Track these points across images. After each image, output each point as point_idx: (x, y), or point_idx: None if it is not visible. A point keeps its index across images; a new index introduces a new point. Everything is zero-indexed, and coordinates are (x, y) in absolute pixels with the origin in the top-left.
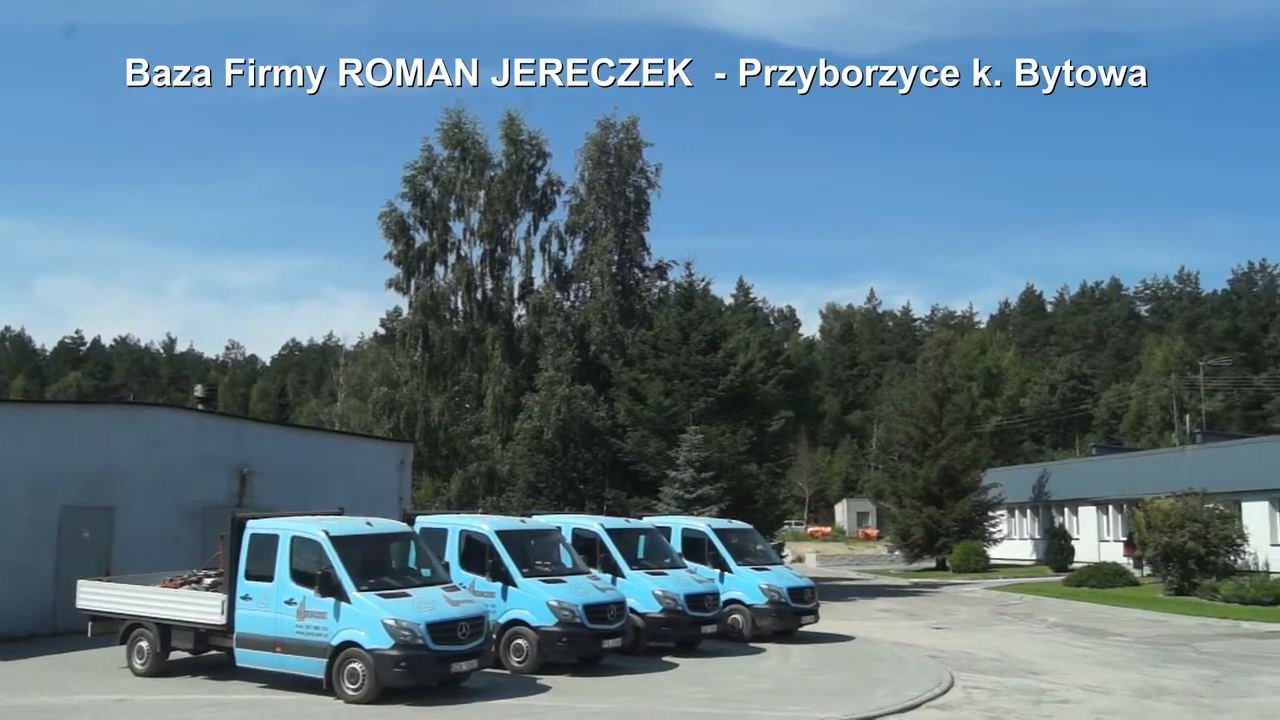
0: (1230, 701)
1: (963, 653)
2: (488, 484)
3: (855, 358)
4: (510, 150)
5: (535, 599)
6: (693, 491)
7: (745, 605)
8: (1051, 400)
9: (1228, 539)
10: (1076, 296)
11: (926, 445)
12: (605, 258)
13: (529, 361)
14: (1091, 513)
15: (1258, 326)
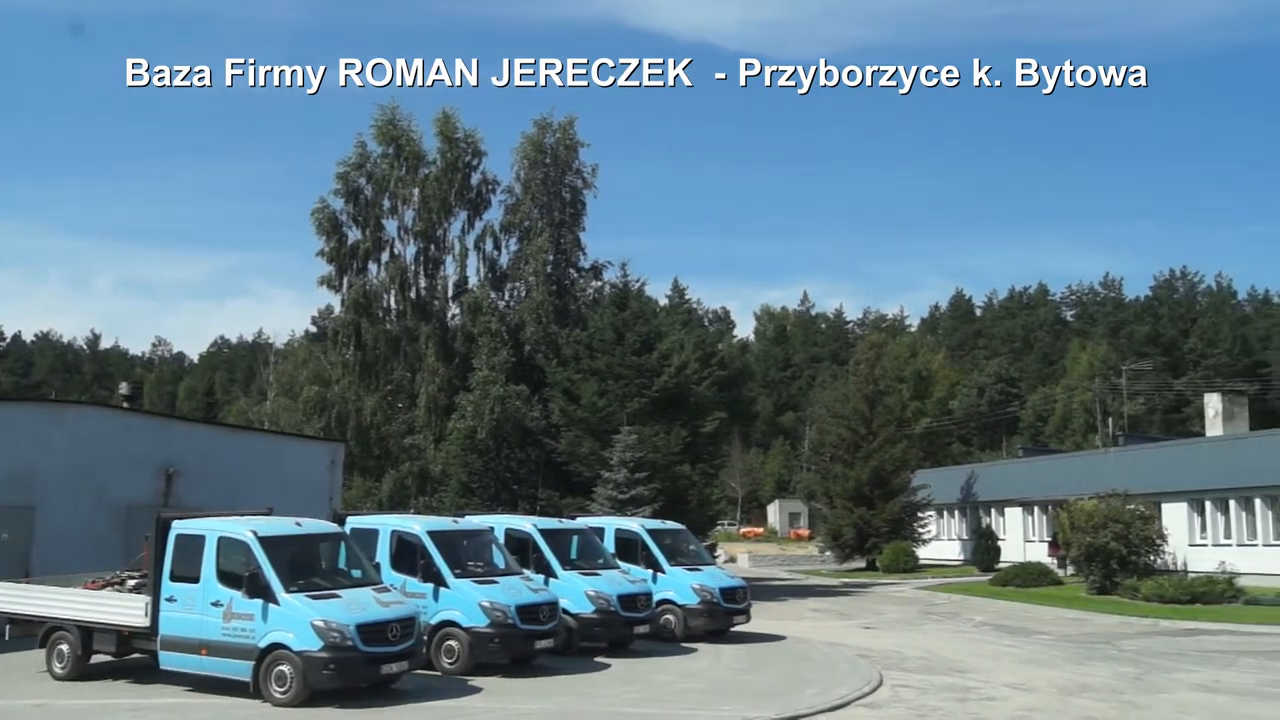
0: (1148, 698)
1: (891, 652)
2: (420, 484)
3: (788, 359)
4: (445, 148)
5: (467, 600)
6: (626, 492)
7: (678, 605)
8: (980, 403)
9: (1148, 539)
10: (1005, 301)
11: (858, 447)
12: (541, 257)
13: (463, 361)
14: (1017, 513)
15: (1178, 332)
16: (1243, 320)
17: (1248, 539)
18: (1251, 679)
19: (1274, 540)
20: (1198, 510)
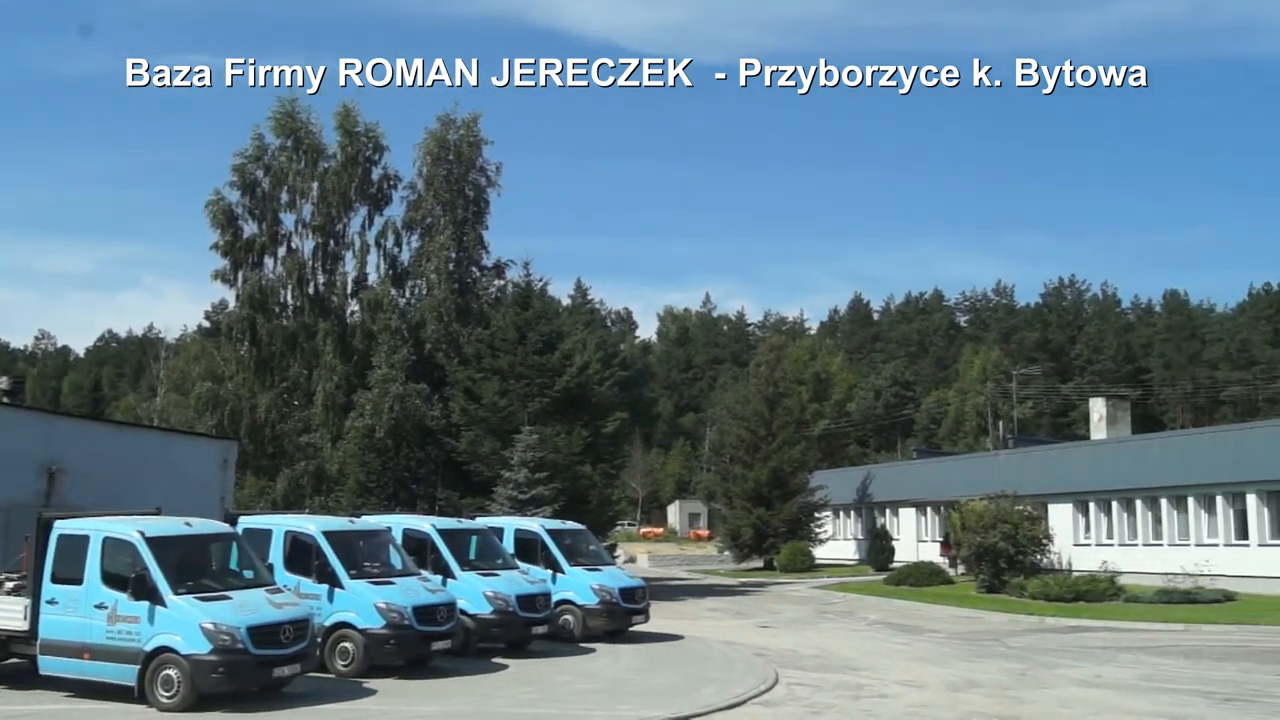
0: (1033, 693)
1: (787, 650)
2: (316, 483)
3: (690, 360)
4: (346, 142)
5: (363, 601)
6: (527, 492)
7: (577, 606)
8: (876, 405)
9: (1035, 539)
10: (901, 306)
11: (757, 448)
12: (442, 255)
13: (362, 358)
14: (911, 514)
15: (1066, 338)
16: (1126, 328)
17: (1128, 539)
18: (1130, 674)
19: (1153, 540)
20: (1082, 511)
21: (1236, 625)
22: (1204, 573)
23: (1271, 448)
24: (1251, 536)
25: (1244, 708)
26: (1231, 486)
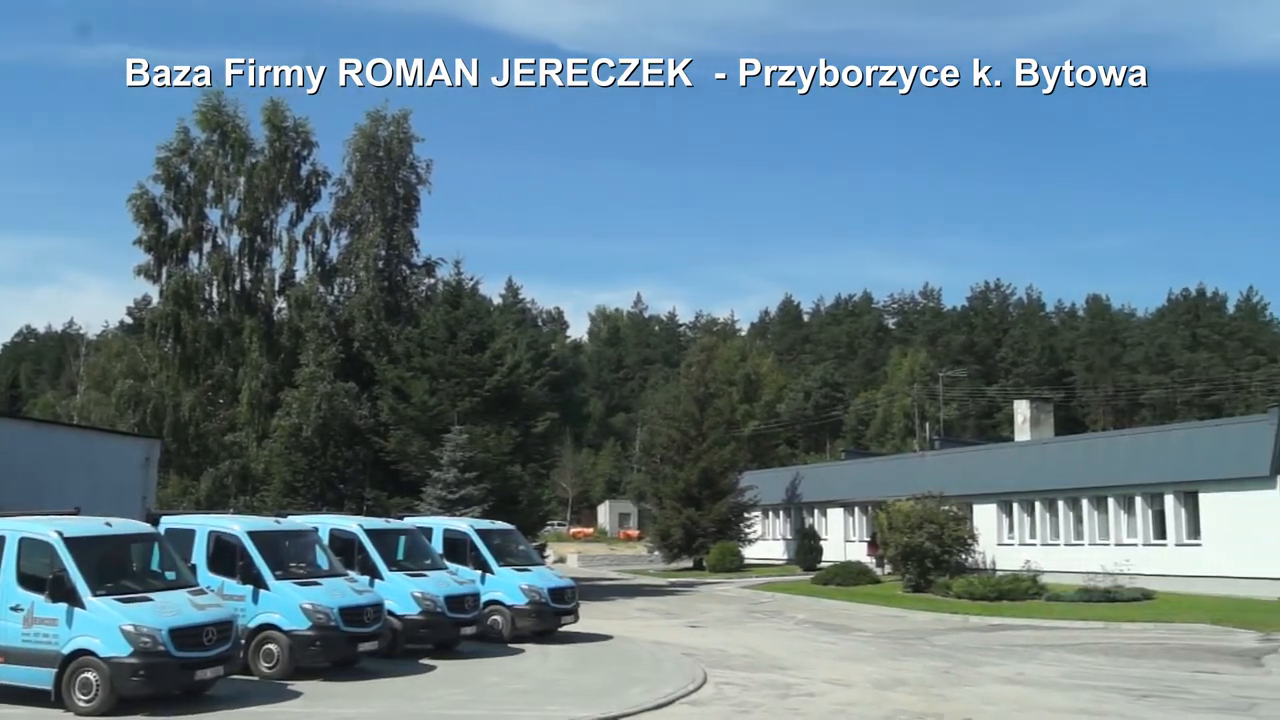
0: (957, 690)
1: (716, 650)
2: (241, 483)
3: (621, 361)
4: (274, 137)
5: (288, 602)
6: (456, 492)
7: (506, 606)
8: (806, 406)
9: (960, 539)
10: (831, 308)
11: (687, 448)
12: (372, 252)
13: (289, 356)
14: (839, 514)
15: (991, 341)
16: (1050, 332)
17: (1050, 539)
18: (1052, 671)
19: (1074, 540)
20: (1006, 511)
21: (1154, 623)
22: (1123, 571)
23: (1188, 450)
24: (1169, 536)
25: (1160, 703)
26: (1150, 487)
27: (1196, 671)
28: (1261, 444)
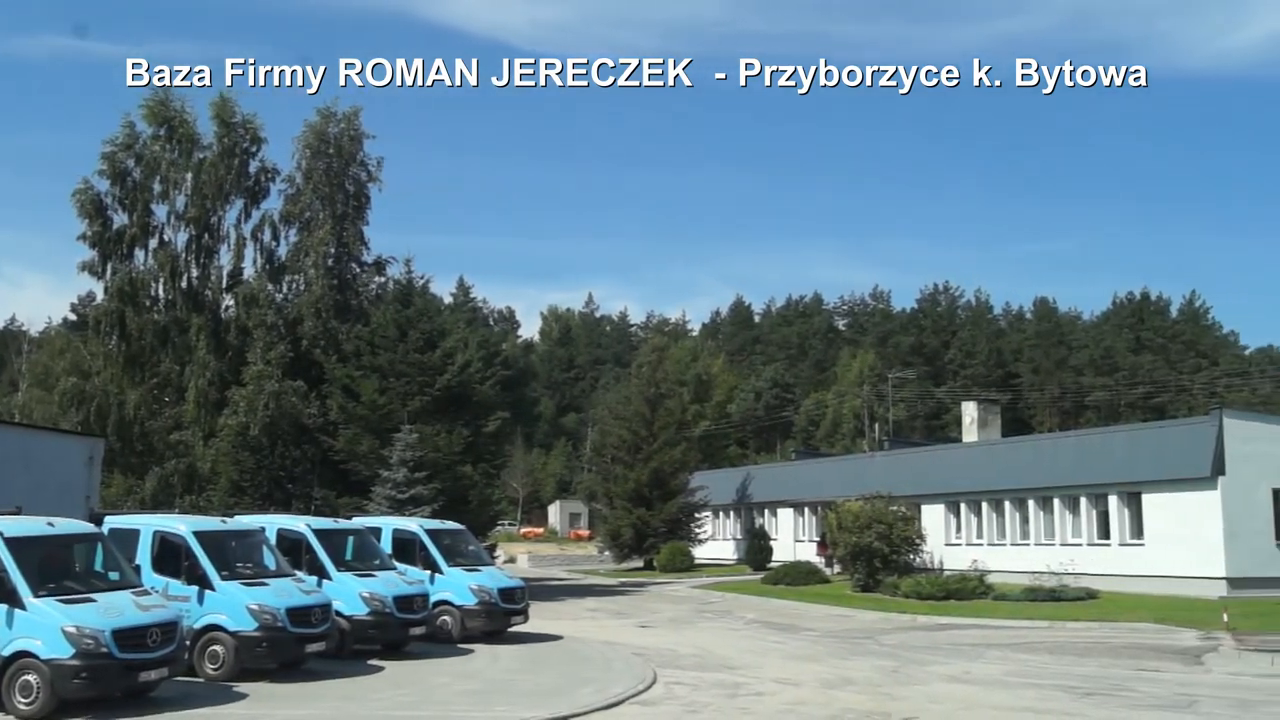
0: (905, 689)
1: (666, 650)
2: (187, 483)
3: (572, 361)
4: (222, 132)
5: (234, 603)
6: (405, 491)
7: (455, 606)
8: (756, 407)
9: (908, 539)
10: (782, 309)
11: (638, 448)
12: (321, 250)
13: (236, 354)
14: (789, 514)
15: (940, 343)
16: (998, 334)
17: (997, 539)
18: (997, 669)
19: (1020, 540)
20: (953, 512)
21: (1098, 622)
22: (1068, 571)
23: (1132, 451)
24: (1113, 536)
25: (1103, 701)
26: (1094, 488)
27: (1139, 670)
28: (1203, 446)
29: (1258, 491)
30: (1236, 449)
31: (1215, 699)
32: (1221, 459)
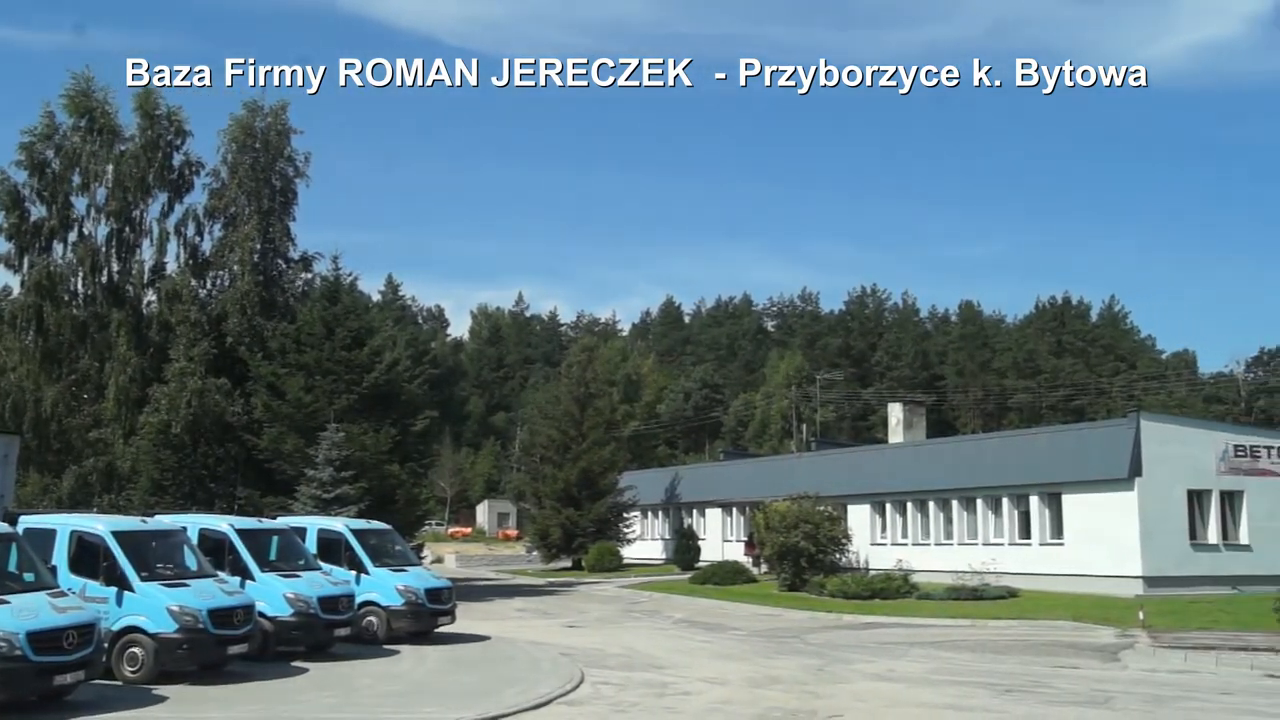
0: (830, 688)
1: (593, 649)
2: (106, 481)
3: (502, 360)
4: (145, 125)
5: (154, 604)
6: (331, 491)
7: (381, 607)
8: (685, 407)
9: (835, 539)
10: (712, 310)
11: (567, 448)
12: (247, 245)
13: (158, 351)
14: (717, 514)
15: (867, 345)
16: (924, 336)
17: (922, 538)
18: (921, 668)
19: (944, 540)
20: (879, 512)
21: (1018, 620)
22: (990, 570)
23: (1052, 453)
24: (1033, 536)
25: (1022, 698)
26: (1016, 489)
27: (1057, 666)
28: (1121, 448)
29: (1173, 492)
30: (1153, 451)
31: (1130, 695)
32: (1138, 461)
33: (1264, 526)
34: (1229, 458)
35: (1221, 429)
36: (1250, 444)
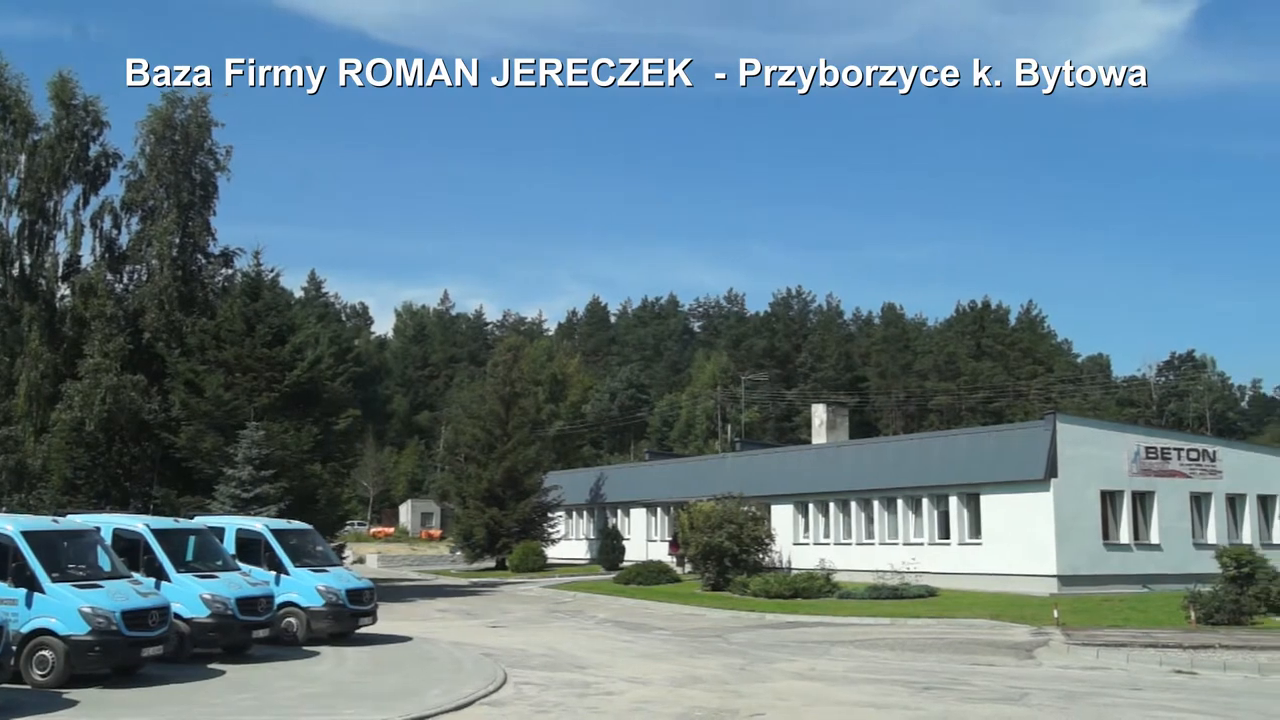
0: (751, 686)
1: (516, 650)
2: (16, 480)
3: (427, 358)
4: (61, 114)
5: (66, 606)
6: (251, 490)
7: (301, 608)
8: (611, 407)
9: (758, 539)
10: (638, 310)
11: (492, 447)
12: (165, 239)
13: (72, 346)
14: (642, 514)
15: (791, 347)
16: (847, 338)
17: (843, 538)
18: (841, 666)
19: (866, 539)
20: (802, 512)
21: (937, 619)
22: (910, 570)
23: (972, 454)
24: (953, 536)
25: (940, 695)
26: (936, 489)
27: (974, 664)
28: (1037, 449)
29: (1087, 493)
30: (1068, 452)
31: (1045, 691)
32: (1054, 462)
33: (1173, 526)
34: (1140, 459)
35: (1134, 431)
36: (1161, 446)
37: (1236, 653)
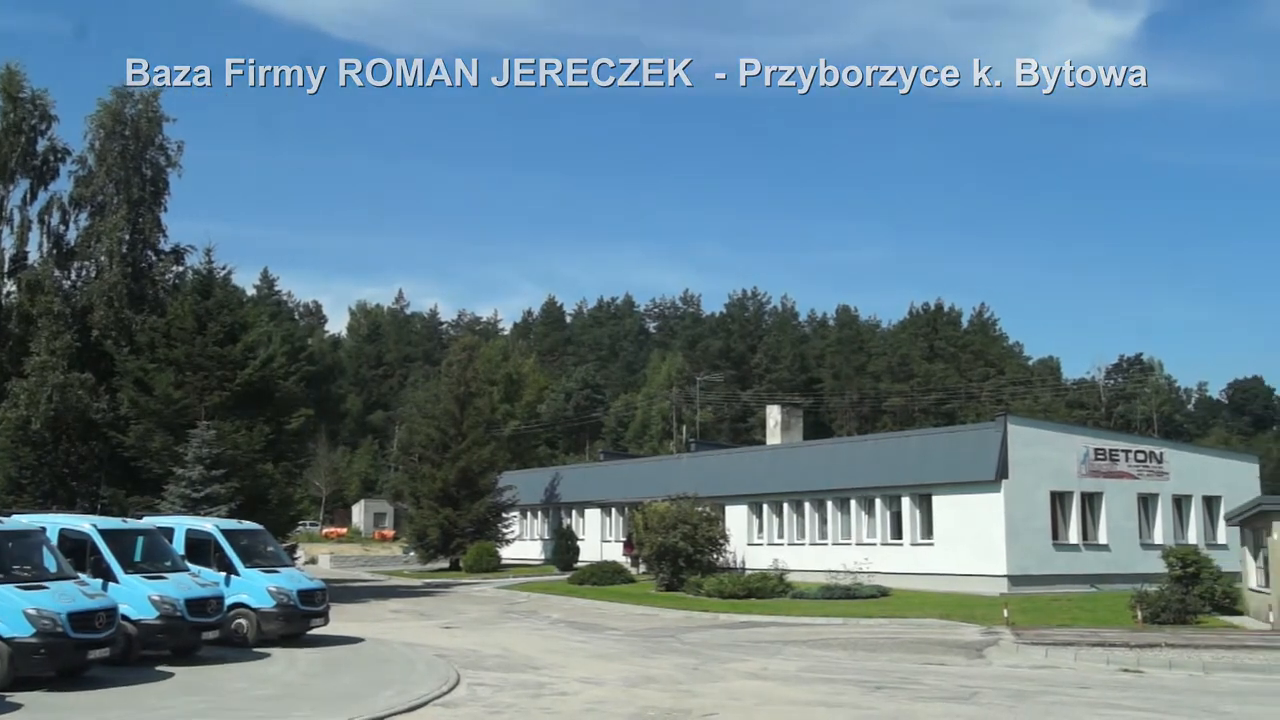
0: (705, 686)
1: (470, 651)
2: None
3: (381, 357)
4: (9, 108)
5: (9, 607)
6: (201, 490)
7: (252, 609)
8: (566, 407)
9: (712, 539)
10: (594, 310)
11: (447, 447)
12: (115, 236)
13: (18, 343)
14: (596, 514)
15: (746, 348)
16: (802, 340)
17: (797, 538)
18: (794, 665)
19: (819, 540)
20: (756, 512)
21: (888, 619)
22: (863, 570)
23: (924, 455)
24: (905, 536)
25: (892, 694)
26: (888, 490)
27: (925, 663)
28: (989, 450)
29: (1037, 493)
30: (1019, 453)
31: (994, 690)
32: (1005, 463)
33: (1121, 526)
34: (1089, 460)
35: (1083, 433)
36: (1109, 447)
37: (1181, 651)
